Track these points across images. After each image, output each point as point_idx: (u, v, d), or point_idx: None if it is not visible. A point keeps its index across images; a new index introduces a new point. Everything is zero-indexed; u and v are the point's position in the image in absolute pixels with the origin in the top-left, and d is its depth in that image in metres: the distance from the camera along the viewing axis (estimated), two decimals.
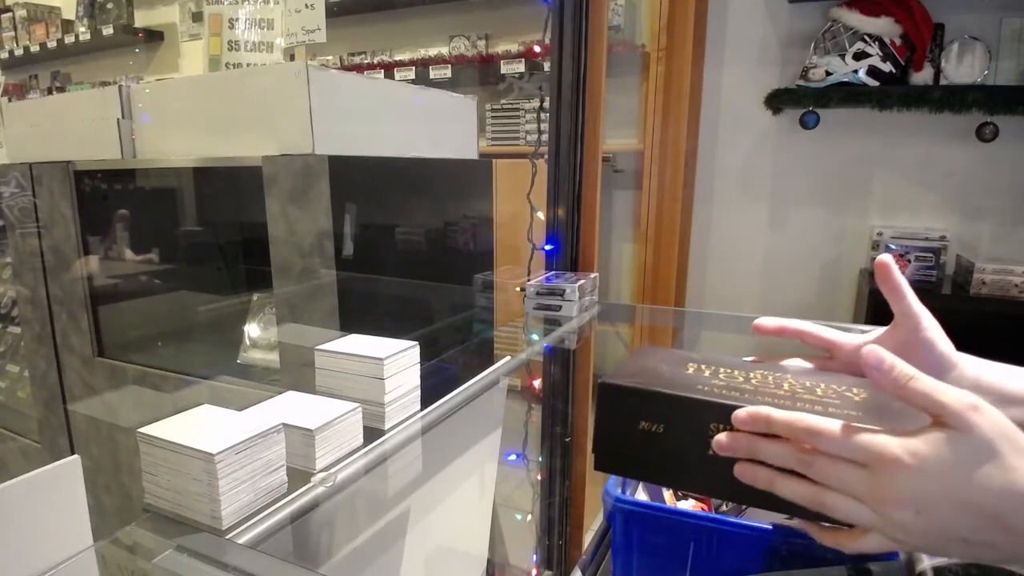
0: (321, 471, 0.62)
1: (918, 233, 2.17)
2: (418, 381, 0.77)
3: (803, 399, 0.49)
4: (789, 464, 0.44)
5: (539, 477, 1.40)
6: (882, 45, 2.08)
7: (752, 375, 0.55)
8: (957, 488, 0.39)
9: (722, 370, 0.56)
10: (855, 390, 0.51)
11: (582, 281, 1.21)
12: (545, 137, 1.33)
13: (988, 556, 0.40)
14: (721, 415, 0.46)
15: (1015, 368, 0.56)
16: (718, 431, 0.46)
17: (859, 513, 0.41)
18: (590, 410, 1.38)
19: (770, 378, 0.54)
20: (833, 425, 0.42)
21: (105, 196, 1.49)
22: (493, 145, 2.81)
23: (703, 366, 0.57)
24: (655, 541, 0.54)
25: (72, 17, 4.13)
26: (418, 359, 0.77)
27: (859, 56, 2.10)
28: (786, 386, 0.52)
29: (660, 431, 0.49)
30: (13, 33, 4.33)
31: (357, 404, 0.68)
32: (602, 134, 1.35)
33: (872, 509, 0.41)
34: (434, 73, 2.87)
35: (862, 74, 2.10)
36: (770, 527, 0.60)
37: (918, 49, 2.07)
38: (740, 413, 0.45)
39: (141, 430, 0.55)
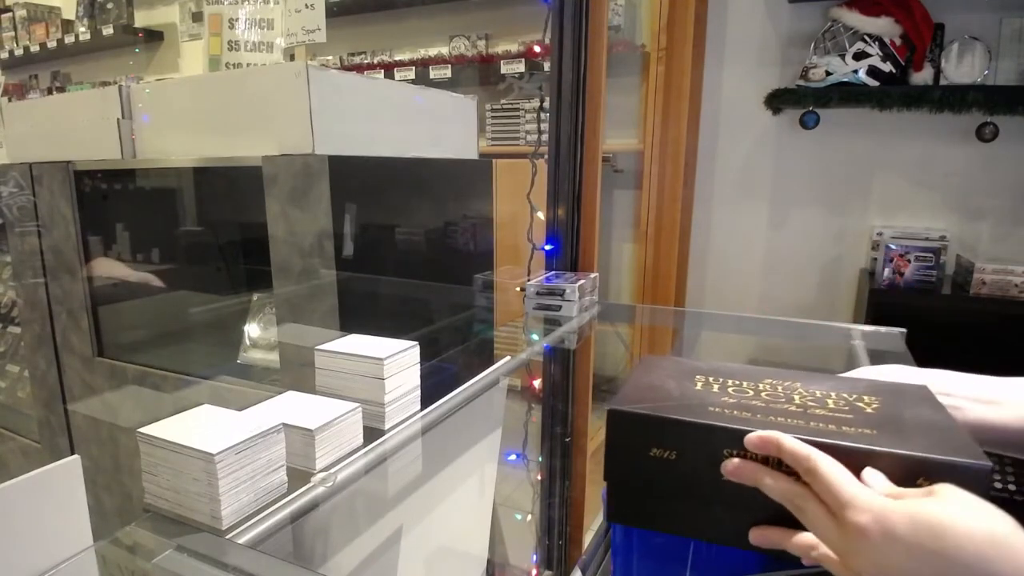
0: (321, 471, 0.62)
1: (918, 233, 2.17)
2: (418, 381, 0.77)
3: (816, 415, 0.47)
4: (784, 503, 0.43)
5: (539, 477, 1.40)
6: (882, 45, 2.08)
7: (761, 386, 0.54)
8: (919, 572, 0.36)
9: (730, 383, 0.54)
10: (866, 399, 0.51)
11: (582, 281, 1.21)
12: (545, 137, 1.33)
13: None
14: (734, 440, 0.45)
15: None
16: (731, 457, 0.45)
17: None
18: (590, 410, 1.38)
19: (779, 388, 0.53)
20: (827, 470, 0.41)
21: (105, 196, 1.49)
22: (493, 145, 2.81)
23: (711, 379, 0.55)
24: (655, 541, 0.53)
25: (72, 17, 4.13)
26: (418, 359, 0.77)
27: (859, 56, 2.10)
28: (797, 399, 0.51)
29: (673, 458, 0.47)
30: (13, 33, 4.33)
31: (357, 404, 0.68)
32: (602, 134, 1.35)
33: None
34: (434, 73, 2.87)
35: (862, 74, 2.10)
36: None
37: (918, 49, 2.06)
38: (752, 437, 0.44)
39: (141, 430, 0.55)
